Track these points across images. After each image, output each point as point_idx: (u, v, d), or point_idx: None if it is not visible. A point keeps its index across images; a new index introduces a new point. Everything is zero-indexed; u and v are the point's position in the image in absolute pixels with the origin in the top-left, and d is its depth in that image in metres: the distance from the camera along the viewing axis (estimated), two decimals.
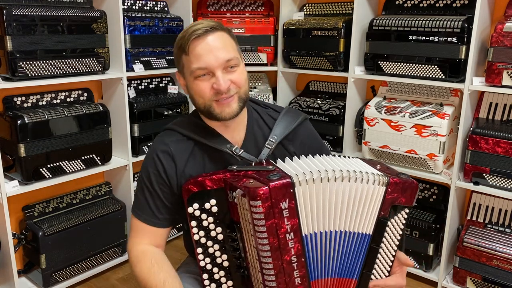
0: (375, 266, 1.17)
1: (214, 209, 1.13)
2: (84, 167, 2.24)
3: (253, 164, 1.19)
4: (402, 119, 2.24)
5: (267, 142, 1.25)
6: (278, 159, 1.20)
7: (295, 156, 1.20)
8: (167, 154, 1.21)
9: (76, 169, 2.21)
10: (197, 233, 1.14)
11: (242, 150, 1.21)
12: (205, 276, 1.17)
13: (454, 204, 2.25)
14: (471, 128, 2.13)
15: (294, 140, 1.32)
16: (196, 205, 1.13)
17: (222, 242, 1.15)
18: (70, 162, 2.17)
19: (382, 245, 1.16)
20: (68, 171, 2.17)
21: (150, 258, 1.18)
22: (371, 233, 1.14)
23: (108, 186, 2.53)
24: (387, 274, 1.20)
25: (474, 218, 2.28)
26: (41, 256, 2.10)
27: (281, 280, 1.05)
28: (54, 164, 2.10)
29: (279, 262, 1.04)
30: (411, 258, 2.37)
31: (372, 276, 1.18)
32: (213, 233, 1.14)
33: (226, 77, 1.15)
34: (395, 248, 1.19)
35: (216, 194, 1.13)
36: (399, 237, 1.18)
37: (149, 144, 2.55)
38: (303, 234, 1.08)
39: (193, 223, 1.14)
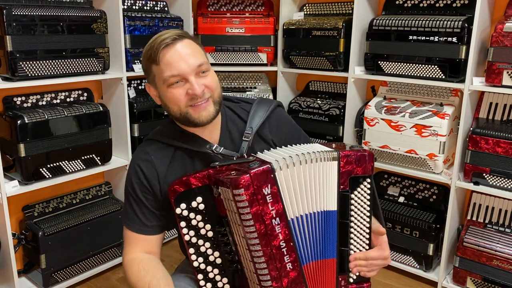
0: (351, 241, 1.19)
1: (201, 206, 1.15)
2: (84, 167, 2.24)
3: (234, 159, 1.21)
4: (402, 119, 2.24)
5: (244, 135, 1.27)
6: (258, 152, 1.22)
7: (271, 148, 1.22)
8: (148, 162, 1.23)
9: (76, 169, 2.21)
10: (187, 233, 1.15)
11: (222, 148, 1.23)
12: (200, 276, 1.17)
13: (454, 204, 2.25)
14: (471, 128, 2.13)
15: (270, 127, 1.33)
16: (183, 205, 1.14)
17: (212, 239, 1.16)
18: (70, 162, 2.17)
19: (352, 218, 1.18)
20: (68, 171, 2.17)
21: (138, 264, 1.20)
22: (336, 209, 1.16)
23: (108, 186, 2.53)
24: (366, 247, 1.22)
25: (474, 218, 2.28)
26: (41, 256, 2.10)
27: (272, 266, 1.06)
28: (54, 164, 2.10)
29: (268, 249, 1.06)
30: (410, 257, 2.38)
31: (351, 252, 1.20)
32: (203, 231, 1.15)
33: (199, 82, 1.17)
34: (367, 219, 1.20)
35: (202, 191, 1.14)
36: (368, 208, 1.19)
37: None
38: (289, 218, 1.10)
39: (182, 224, 1.15)
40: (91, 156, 2.25)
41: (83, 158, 2.22)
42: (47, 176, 2.09)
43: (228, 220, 1.11)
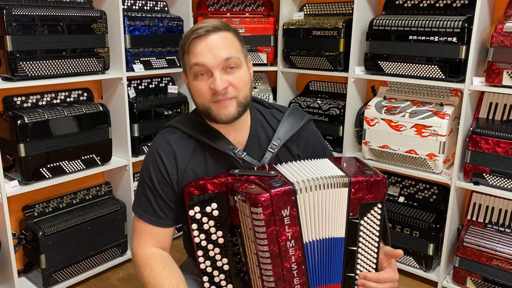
0: (358, 266, 1.16)
1: (215, 213, 1.12)
2: (84, 167, 2.24)
3: (255, 169, 1.17)
4: (402, 119, 2.24)
5: (270, 146, 1.22)
6: (282, 163, 1.19)
7: (293, 161, 1.19)
8: (168, 152, 1.19)
9: (76, 169, 2.21)
10: (198, 236, 1.14)
11: (245, 153, 1.19)
12: (205, 278, 1.16)
13: (454, 204, 2.25)
14: (471, 128, 2.13)
15: (298, 142, 1.30)
16: (197, 208, 1.12)
17: (222, 246, 1.14)
18: (70, 162, 2.17)
19: (360, 244, 1.15)
20: (68, 171, 2.17)
21: (161, 261, 1.16)
22: (344, 236, 1.13)
23: (108, 186, 2.53)
24: (373, 272, 1.18)
25: (474, 218, 2.27)
26: (41, 256, 2.10)
27: (280, 287, 1.05)
28: (54, 164, 2.10)
29: (279, 269, 1.04)
30: (410, 257, 2.38)
31: (357, 277, 1.17)
32: (213, 237, 1.14)
33: (224, 78, 1.12)
34: (376, 244, 1.17)
35: (218, 198, 1.12)
36: (377, 234, 1.16)
37: (149, 144, 2.55)
38: (304, 242, 1.07)
39: (194, 226, 1.13)
40: (91, 156, 2.25)
41: (83, 158, 2.22)
42: (47, 176, 2.09)
43: (241, 231, 1.10)
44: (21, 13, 1.90)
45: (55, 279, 2.19)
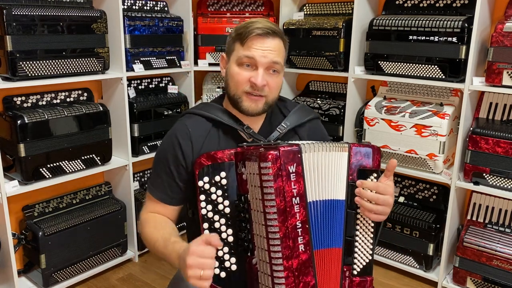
0: (357, 232, 1.21)
1: (224, 181, 1.17)
2: (84, 167, 2.24)
3: (261, 143, 1.24)
4: (402, 119, 2.24)
5: (278, 127, 1.32)
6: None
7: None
8: (184, 134, 1.27)
9: (76, 169, 2.21)
10: (205, 207, 1.17)
11: (252, 130, 1.28)
12: None
13: (454, 204, 2.25)
14: (471, 128, 2.13)
15: (308, 131, 1.39)
16: (206, 178, 1.17)
17: (228, 216, 1.18)
18: (70, 162, 2.17)
19: (359, 210, 1.21)
20: (68, 171, 2.17)
21: (158, 218, 1.28)
22: (345, 198, 1.19)
23: (108, 186, 2.53)
24: (371, 240, 1.22)
25: (474, 218, 2.28)
26: (41, 256, 2.10)
27: (286, 245, 1.08)
28: (54, 164, 2.10)
29: (284, 226, 1.07)
30: (410, 257, 2.38)
31: (356, 244, 1.21)
32: (220, 207, 1.17)
33: (265, 76, 1.22)
34: None
35: (227, 166, 1.18)
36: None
37: (149, 144, 2.55)
38: (308, 201, 1.12)
39: (202, 197, 1.17)
40: (91, 156, 2.25)
41: (83, 158, 2.22)
42: (47, 176, 2.09)
43: (247, 197, 1.14)
44: (21, 13, 1.90)
45: (55, 279, 2.19)
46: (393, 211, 2.39)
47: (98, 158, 2.29)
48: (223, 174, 1.17)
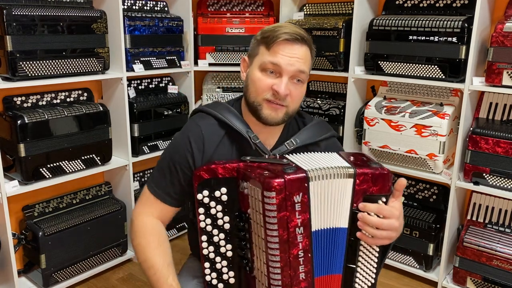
0: (359, 258, 1.16)
1: (224, 197, 1.13)
2: (84, 167, 2.24)
3: (266, 157, 1.19)
4: (402, 119, 2.24)
5: (287, 142, 1.24)
6: (288, 155, 1.19)
7: (302, 153, 1.20)
8: (198, 137, 1.21)
9: (76, 169, 2.21)
10: (204, 221, 1.14)
11: (259, 140, 1.21)
12: (206, 264, 1.17)
13: (454, 204, 2.25)
14: (471, 128, 2.13)
15: (318, 150, 1.27)
16: (205, 192, 1.13)
17: (228, 232, 1.15)
18: (70, 162, 2.17)
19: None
20: (68, 171, 2.17)
21: (158, 237, 1.21)
22: (347, 226, 1.12)
23: (108, 186, 2.53)
24: (374, 265, 1.18)
25: (474, 218, 2.28)
26: (41, 256, 2.10)
27: (286, 273, 1.05)
28: (54, 164, 2.10)
29: (286, 255, 1.04)
30: (410, 257, 2.38)
31: (358, 269, 1.16)
32: (220, 222, 1.14)
33: (288, 85, 1.15)
34: None
35: (227, 182, 1.12)
36: None
37: (149, 144, 2.55)
38: (312, 230, 1.08)
39: (201, 210, 1.14)
40: (91, 156, 2.25)
41: (83, 158, 2.22)
42: (47, 176, 2.09)
43: (249, 217, 1.10)
44: (21, 13, 1.90)
45: (55, 279, 2.19)
46: None
47: (98, 158, 2.29)
48: (223, 190, 1.12)
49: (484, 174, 2.10)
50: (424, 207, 2.42)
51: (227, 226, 1.14)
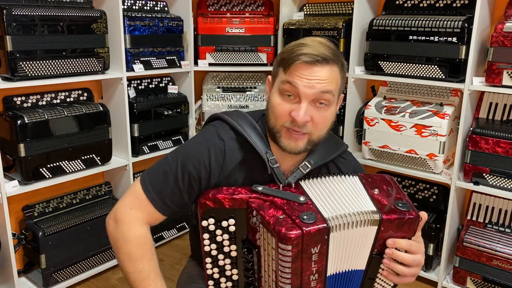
0: None
1: (232, 228, 1.05)
2: (84, 167, 2.24)
3: (280, 187, 1.08)
4: (402, 119, 2.24)
5: (301, 165, 1.12)
6: (309, 179, 1.11)
7: (319, 178, 1.11)
8: (219, 151, 1.10)
9: (76, 169, 2.21)
10: (209, 245, 1.07)
11: (278, 165, 1.10)
12: (210, 282, 1.12)
13: (454, 204, 2.25)
14: (471, 128, 2.13)
15: (333, 167, 1.23)
16: (211, 220, 1.05)
17: (234, 258, 1.08)
18: (70, 162, 2.17)
19: (379, 275, 1.08)
20: (68, 171, 2.17)
21: (152, 249, 1.12)
22: (364, 268, 1.06)
23: (108, 186, 2.53)
24: None
25: (474, 218, 2.27)
26: (41, 256, 2.10)
27: None
28: (54, 164, 2.10)
29: None
30: None
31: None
32: (226, 249, 1.08)
33: (309, 111, 1.02)
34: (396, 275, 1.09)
35: (236, 213, 1.04)
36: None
37: (149, 144, 2.55)
38: (328, 275, 1.01)
39: (206, 236, 1.06)
40: (91, 156, 2.25)
41: (83, 158, 2.22)
42: (47, 176, 2.09)
43: (259, 252, 1.03)
44: (21, 13, 1.90)
45: (55, 279, 2.19)
46: None
47: (98, 158, 2.29)
48: (231, 221, 1.04)
49: (484, 174, 2.10)
50: (424, 207, 2.42)
51: (233, 254, 1.08)
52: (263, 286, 1.07)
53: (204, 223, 1.05)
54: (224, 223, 1.05)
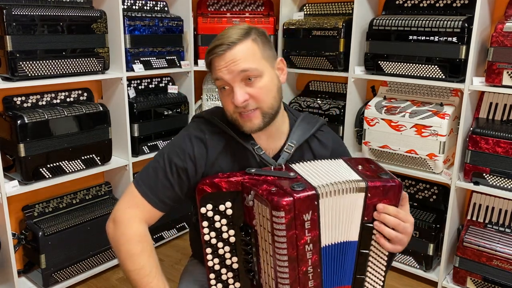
0: (368, 268, 1.15)
1: (229, 211, 1.10)
2: (84, 167, 2.24)
3: (272, 168, 1.15)
4: (402, 119, 2.24)
5: (285, 147, 1.20)
6: (299, 162, 1.16)
7: (307, 161, 1.16)
8: (200, 141, 1.17)
9: (76, 169, 2.21)
10: (208, 234, 1.11)
11: (263, 152, 1.18)
12: (211, 275, 1.15)
13: (454, 204, 2.25)
14: (471, 128, 2.13)
15: (316, 142, 1.28)
16: (209, 206, 1.10)
17: (233, 245, 1.12)
18: (70, 162, 2.17)
19: (372, 248, 1.13)
20: (68, 171, 2.17)
21: (151, 247, 1.15)
22: (357, 239, 1.11)
23: (108, 186, 2.53)
24: (383, 273, 1.17)
25: (474, 218, 2.27)
26: (41, 256, 2.10)
27: None
28: (54, 164, 2.10)
29: (295, 272, 1.03)
30: (410, 257, 2.38)
31: (367, 279, 1.16)
32: (225, 235, 1.12)
33: (243, 91, 1.10)
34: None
35: (232, 196, 1.09)
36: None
37: (149, 144, 2.55)
38: (322, 245, 1.06)
39: (205, 223, 1.11)
40: (91, 156, 2.25)
41: (83, 158, 2.22)
42: (47, 176, 2.09)
43: (256, 232, 1.08)
44: (21, 13, 1.90)
45: (55, 279, 2.19)
46: None
47: (98, 158, 2.29)
48: (228, 204, 1.09)
49: (484, 174, 2.10)
50: (424, 207, 2.42)
51: (232, 239, 1.12)
52: (262, 269, 1.10)
53: (203, 209, 1.10)
54: (222, 207, 1.10)
